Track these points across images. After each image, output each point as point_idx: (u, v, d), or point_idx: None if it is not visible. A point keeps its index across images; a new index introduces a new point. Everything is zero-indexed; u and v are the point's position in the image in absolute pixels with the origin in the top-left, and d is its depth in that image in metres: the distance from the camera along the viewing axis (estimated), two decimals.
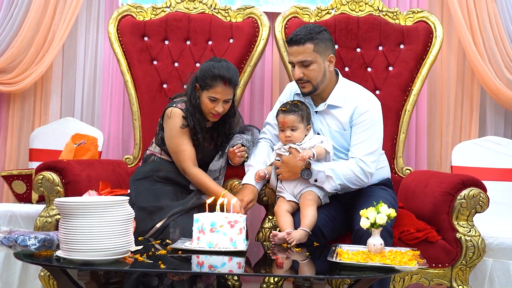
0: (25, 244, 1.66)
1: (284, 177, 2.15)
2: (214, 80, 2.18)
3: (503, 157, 2.90)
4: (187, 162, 2.23)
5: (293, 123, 2.13)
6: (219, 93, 2.19)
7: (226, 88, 2.19)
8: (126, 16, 2.85)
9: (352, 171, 2.11)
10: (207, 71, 2.20)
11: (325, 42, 2.16)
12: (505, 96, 3.03)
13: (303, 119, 2.15)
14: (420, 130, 3.16)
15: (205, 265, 1.71)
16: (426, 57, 2.75)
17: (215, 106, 2.20)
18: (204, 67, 2.23)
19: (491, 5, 3.04)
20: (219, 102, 2.20)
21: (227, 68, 2.20)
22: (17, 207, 2.63)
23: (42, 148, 3.04)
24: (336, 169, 2.10)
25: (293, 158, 2.12)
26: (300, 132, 2.14)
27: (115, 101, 3.18)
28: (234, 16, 2.85)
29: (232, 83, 2.20)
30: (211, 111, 2.21)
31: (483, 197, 2.15)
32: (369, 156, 2.13)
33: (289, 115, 2.14)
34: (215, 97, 2.19)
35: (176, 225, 2.11)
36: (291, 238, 1.94)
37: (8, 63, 3.08)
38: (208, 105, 2.21)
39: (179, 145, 2.24)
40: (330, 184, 2.10)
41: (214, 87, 2.18)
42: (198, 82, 2.23)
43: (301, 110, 2.15)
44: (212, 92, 2.19)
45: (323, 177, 2.09)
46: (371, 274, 1.62)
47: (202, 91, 2.22)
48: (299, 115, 2.13)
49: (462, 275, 2.17)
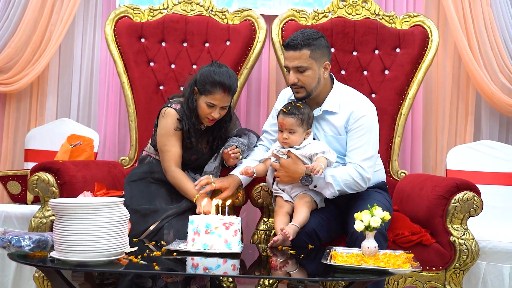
0: (19, 244, 1.65)
1: (283, 181, 2.15)
2: (214, 87, 2.17)
3: (497, 161, 2.91)
4: (169, 162, 2.23)
5: (292, 126, 2.12)
6: (218, 100, 2.18)
7: (225, 95, 2.19)
8: (123, 17, 2.85)
9: (351, 177, 2.11)
10: (207, 77, 2.19)
11: (322, 49, 2.17)
12: (500, 101, 3.05)
13: (303, 123, 2.13)
14: (416, 134, 3.17)
15: (200, 267, 1.71)
16: (422, 61, 2.76)
17: (211, 112, 2.20)
18: (205, 72, 2.22)
19: (487, 10, 3.06)
20: (216, 108, 2.20)
21: (227, 75, 2.19)
22: (12, 208, 2.63)
23: (37, 149, 3.03)
24: (336, 176, 2.09)
25: (292, 164, 2.11)
26: (298, 135, 2.13)
27: (111, 102, 3.18)
28: (231, 19, 2.85)
29: (232, 91, 2.20)
30: (207, 116, 2.22)
31: (477, 201, 2.17)
32: (366, 162, 2.14)
33: (288, 117, 2.12)
34: (213, 103, 2.19)
35: (171, 227, 2.11)
36: (287, 233, 1.94)
37: (4, 63, 3.08)
38: (205, 110, 2.21)
39: (165, 145, 2.24)
40: (329, 190, 2.11)
41: (213, 94, 2.18)
42: (197, 86, 2.23)
43: (302, 113, 2.13)
44: (211, 98, 2.19)
45: (323, 183, 2.10)
46: (365, 276, 1.63)
47: (200, 95, 2.21)
48: (299, 119, 2.12)
49: (456, 278, 2.18)
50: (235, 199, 2.28)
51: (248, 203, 2.42)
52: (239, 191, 2.30)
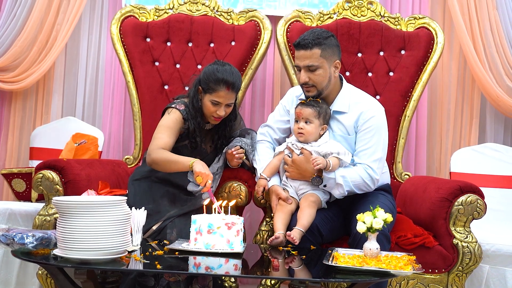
0: (22, 242, 1.67)
1: (293, 177, 2.16)
2: (218, 84, 2.18)
3: (502, 164, 2.90)
4: (156, 146, 2.16)
5: (309, 115, 2.13)
6: (222, 97, 2.19)
7: (229, 92, 2.20)
8: (129, 17, 2.86)
9: (361, 177, 2.12)
10: (210, 75, 2.21)
11: (332, 48, 2.17)
12: (505, 104, 3.04)
13: (320, 116, 2.14)
14: (420, 136, 3.16)
15: (202, 266, 1.72)
16: (427, 63, 2.76)
17: (217, 110, 2.21)
18: (208, 70, 2.23)
19: (493, 13, 3.04)
20: (221, 106, 2.21)
21: (230, 73, 2.20)
22: (17, 205, 2.64)
23: (42, 147, 3.05)
24: (347, 177, 2.10)
25: (305, 162, 2.12)
26: (313, 127, 2.14)
27: (117, 101, 3.20)
28: (236, 19, 2.86)
29: (235, 88, 2.21)
30: (213, 114, 2.22)
31: (480, 204, 2.16)
32: (376, 163, 2.14)
33: (307, 107, 2.15)
34: (217, 101, 2.20)
35: (173, 226, 2.11)
36: (294, 239, 1.95)
37: (11, 61, 3.10)
38: (210, 108, 2.21)
39: (160, 133, 2.21)
40: (339, 191, 2.12)
41: (217, 91, 2.19)
42: (201, 85, 2.24)
43: (320, 107, 2.15)
44: (215, 96, 2.20)
45: (333, 183, 2.10)
46: (366, 278, 1.63)
47: (205, 94, 2.23)
48: (316, 111, 2.14)
49: (458, 281, 2.17)
50: (238, 199, 2.28)
51: (251, 204, 2.43)
52: (242, 192, 2.30)
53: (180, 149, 2.27)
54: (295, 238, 1.96)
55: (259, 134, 2.40)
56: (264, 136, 2.39)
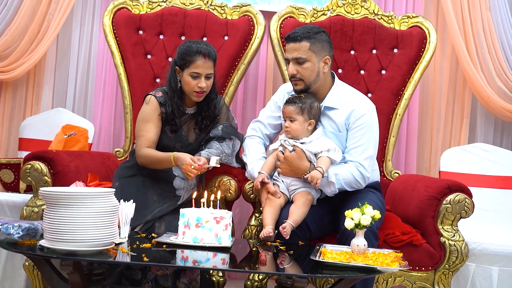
0: (8, 232, 1.65)
1: (285, 174, 2.16)
2: (194, 55, 2.20)
3: (491, 164, 2.92)
4: (140, 147, 2.22)
5: (291, 113, 2.14)
6: (200, 66, 2.20)
7: (206, 61, 2.21)
8: (121, 8, 2.84)
9: (352, 175, 2.13)
10: (185, 50, 2.23)
11: (322, 43, 2.17)
12: (496, 104, 3.06)
13: (303, 112, 2.14)
14: (411, 135, 3.17)
15: (190, 259, 1.71)
16: (419, 62, 2.77)
17: (198, 83, 2.21)
18: (181, 47, 2.26)
19: (486, 14, 3.06)
20: (201, 77, 2.21)
21: (204, 43, 2.24)
22: (4, 196, 2.62)
23: (32, 138, 3.03)
24: (339, 175, 2.11)
25: (297, 159, 2.12)
26: (298, 124, 2.14)
27: (108, 94, 3.18)
28: (230, 13, 2.85)
29: (212, 56, 2.22)
30: (194, 88, 2.21)
31: (468, 203, 2.17)
32: (367, 160, 2.15)
33: (288, 105, 2.16)
34: (196, 71, 2.20)
35: (162, 220, 2.11)
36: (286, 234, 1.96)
37: (1, 50, 3.06)
38: (191, 83, 2.21)
39: (141, 130, 2.24)
40: (330, 189, 2.12)
41: (194, 62, 2.20)
42: (178, 64, 2.25)
43: (302, 103, 2.15)
44: (193, 67, 2.20)
45: (325, 181, 2.11)
46: (353, 274, 1.63)
47: (183, 70, 2.23)
48: (298, 107, 2.14)
49: (445, 279, 2.19)
50: (227, 193, 2.28)
51: (240, 198, 2.42)
52: (231, 186, 2.30)
53: (162, 137, 2.26)
54: (287, 232, 1.96)
55: (250, 130, 2.40)
56: (255, 132, 2.39)
